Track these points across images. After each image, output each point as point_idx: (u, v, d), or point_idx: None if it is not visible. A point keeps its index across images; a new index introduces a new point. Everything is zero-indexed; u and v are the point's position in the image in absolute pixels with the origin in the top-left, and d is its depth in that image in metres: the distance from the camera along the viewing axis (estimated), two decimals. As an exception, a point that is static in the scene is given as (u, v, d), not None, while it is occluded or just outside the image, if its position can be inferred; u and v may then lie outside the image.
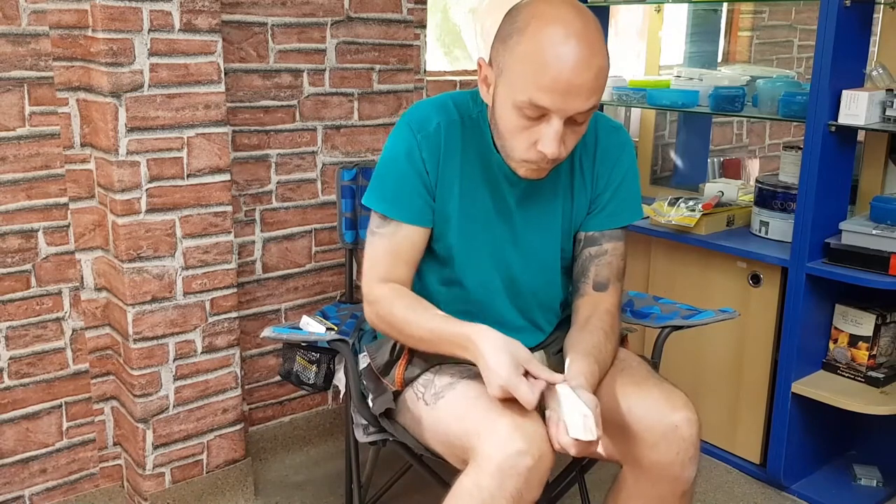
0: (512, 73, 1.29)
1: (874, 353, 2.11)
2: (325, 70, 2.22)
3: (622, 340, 1.61)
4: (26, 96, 1.81)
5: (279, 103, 2.17)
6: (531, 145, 1.32)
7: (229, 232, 2.01)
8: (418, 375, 1.48)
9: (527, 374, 1.26)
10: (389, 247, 1.45)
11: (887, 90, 1.98)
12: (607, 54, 1.30)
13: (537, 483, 1.23)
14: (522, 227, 1.49)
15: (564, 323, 1.56)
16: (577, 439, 1.20)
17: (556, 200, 1.49)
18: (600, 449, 1.40)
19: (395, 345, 1.53)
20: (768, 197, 2.26)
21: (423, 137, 1.43)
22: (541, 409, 1.28)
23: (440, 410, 1.40)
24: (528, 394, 1.23)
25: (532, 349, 1.56)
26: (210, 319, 2.02)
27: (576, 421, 1.20)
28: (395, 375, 1.51)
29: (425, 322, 1.39)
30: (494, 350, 1.27)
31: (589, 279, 1.51)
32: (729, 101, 2.31)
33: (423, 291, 1.56)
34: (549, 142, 1.29)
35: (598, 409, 1.23)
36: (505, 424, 1.23)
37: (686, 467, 1.32)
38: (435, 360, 1.46)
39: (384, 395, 1.54)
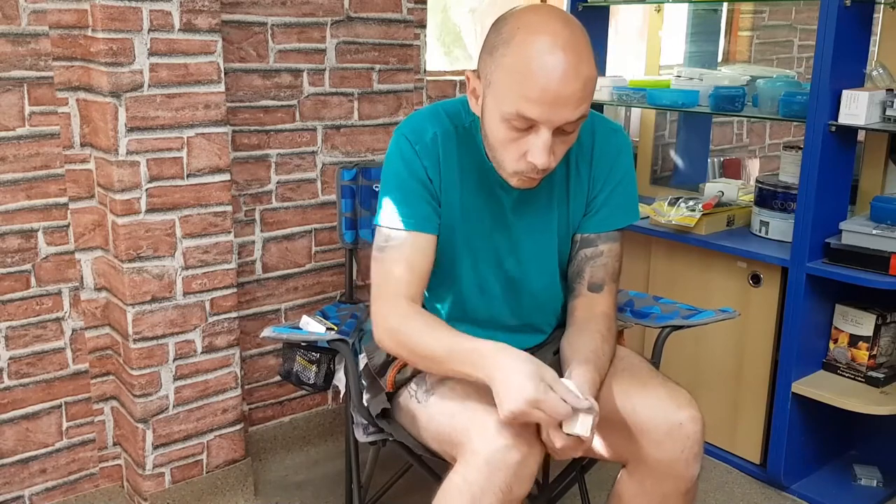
0: (499, 85, 1.28)
1: (874, 353, 2.11)
2: (325, 70, 2.22)
3: (619, 336, 1.62)
4: (26, 96, 1.80)
5: (279, 103, 2.17)
6: (521, 156, 1.31)
7: (229, 232, 2.01)
8: (411, 377, 1.48)
9: None
10: (400, 261, 1.41)
11: (887, 90, 1.97)
12: (595, 63, 1.29)
13: (527, 477, 1.22)
14: (520, 233, 1.49)
15: (563, 324, 1.56)
16: (569, 434, 1.20)
17: (552, 204, 1.49)
18: (602, 449, 1.41)
19: None
20: (768, 197, 2.26)
21: (421, 147, 1.42)
22: None
23: (431, 407, 1.40)
24: (559, 404, 1.18)
25: (531, 350, 1.57)
26: (210, 319, 2.02)
27: (573, 417, 1.19)
28: (387, 377, 1.51)
29: (438, 339, 1.33)
30: (515, 364, 1.22)
31: (584, 280, 1.50)
32: (729, 101, 2.31)
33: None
34: (538, 152, 1.28)
35: (597, 415, 1.23)
36: (493, 420, 1.23)
37: (690, 465, 1.33)
38: None
39: (379, 396, 1.54)
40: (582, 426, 1.19)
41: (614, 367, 1.44)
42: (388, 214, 1.43)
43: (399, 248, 1.41)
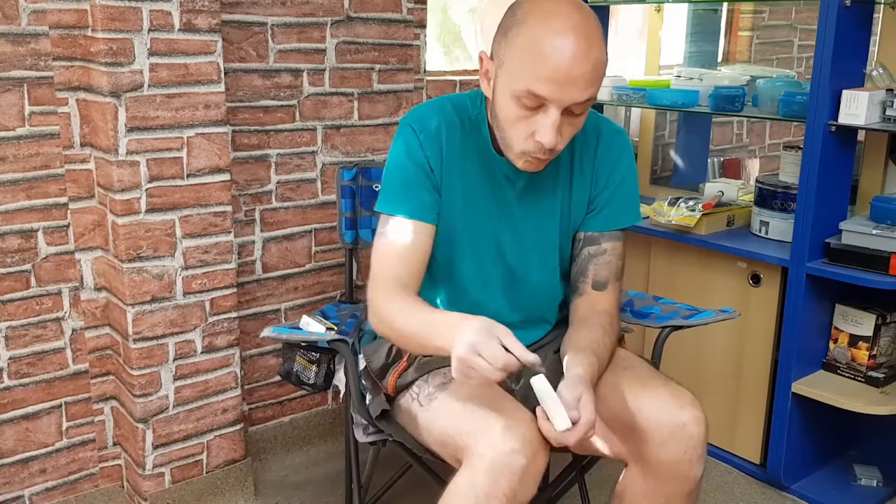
0: (512, 63, 1.31)
1: (874, 353, 2.11)
2: (324, 70, 2.22)
3: (619, 341, 1.62)
4: (26, 96, 1.80)
5: (279, 103, 2.17)
6: (529, 136, 1.33)
7: (229, 232, 2.01)
8: (412, 382, 1.48)
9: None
10: (396, 247, 1.43)
11: (887, 90, 1.97)
12: (605, 48, 1.32)
13: (531, 482, 1.23)
14: (522, 225, 1.50)
15: (564, 322, 1.56)
16: (563, 431, 1.20)
17: (555, 198, 1.50)
18: (604, 448, 1.41)
19: (391, 348, 1.54)
20: (768, 197, 2.26)
21: (425, 137, 1.44)
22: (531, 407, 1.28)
23: (434, 411, 1.40)
24: (498, 350, 1.16)
25: (532, 346, 1.57)
26: (210, 319, 2.02)
27: (553, 414, 1.20)
28: (388, 380, 1.52)
29: (415, 317, 1.35)
30: (470, 322, 1.22)
31: (588, 278, 1.51)
32: (729, 101, 2.31)
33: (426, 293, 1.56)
34: (546, 131, 1.30)
35: (583, 396, 1.22)
36: (498, 424, 1.23)
37: (693, 466, 1.33)
38: (430, 367, 1.46)
39: (379, 397, 1.55)
40: (563, 420, 1.19)
41: (616, 367, 1.44)
42: (389, 201, 1.45)
43: (396, 235, 1.43)
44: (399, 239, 1.43)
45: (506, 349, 1.18)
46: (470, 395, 1.34)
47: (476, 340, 1.17)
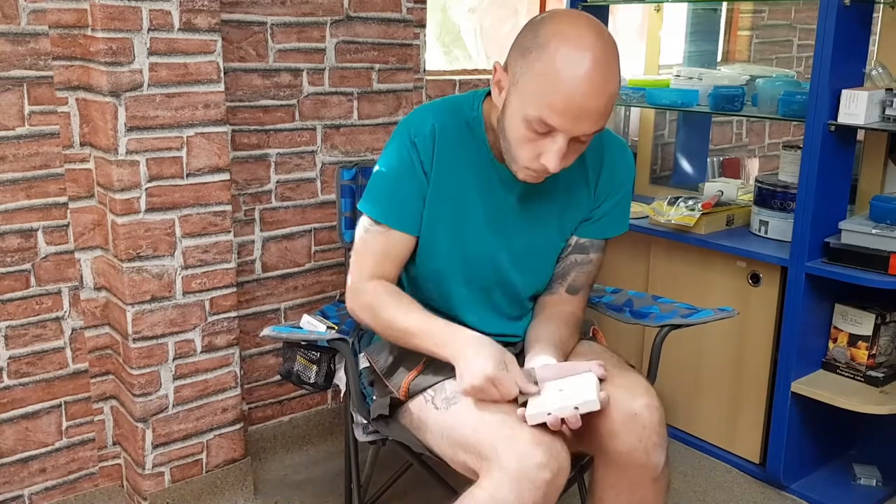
0: (527, 86, 1.30)
1: (874, 352, 2.11)
2: (324, 69, 2.22)
3: (595, 335, 1.68)
4: (26, 96, 1.80)
5: (278, 102, 2.17)
6: (534, 157, 1.34)
7: (229, 231, 2.01)
8: (426, 388, 1.47)
9: None
10: (379, 246, 1.49)
11: (887, 89, 1.98)
12: (620, 79, 1.32)
13: (553, 496, 1.24)
14: (515, 229, 1.51)
15: None
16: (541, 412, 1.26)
17: (552, 206, 1.51)
18: (569, 441, 1.42)
19: (393, 346, 1.54)
20: (768, 196, 2.26)
21: (419, 140, 1.46)
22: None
23: (452, 416, 1.39)
24: (512, 384, 1.28)
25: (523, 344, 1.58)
26: (209, 319, 2.02)
27: (536, 413, 1.26)
28: (401, 384, 1.50)
29: (410, 315, 1.43)
30: (480, 345, 1.33)
31: (566, 282, 1.56)
32: (728, 101, 2.31)
33: (408, 288, 1.57)
34: (551, 157, 1.31)
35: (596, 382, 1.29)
36: (525, 437, 1.24)
37: (651, 453, 1.32)
38: (446, 374, 1.44)
39: (381, 400, 1.54)
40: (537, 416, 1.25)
41: (580, 359, 1.46)
42: (376, 205, 1.49)
43: (379, 238, 1.49)
44: (382, 242, 1.49)
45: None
46: (493, 403, 1.33)
47: (493, 373, 1.28)
